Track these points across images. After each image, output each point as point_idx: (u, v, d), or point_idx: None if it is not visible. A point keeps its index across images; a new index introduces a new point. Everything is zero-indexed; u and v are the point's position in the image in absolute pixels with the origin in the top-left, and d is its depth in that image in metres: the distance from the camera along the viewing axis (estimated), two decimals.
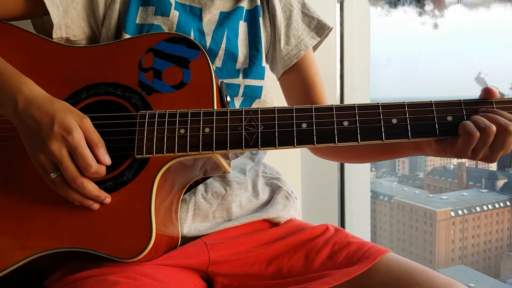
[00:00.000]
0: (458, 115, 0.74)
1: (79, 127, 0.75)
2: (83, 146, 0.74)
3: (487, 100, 0.73)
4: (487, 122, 0.72)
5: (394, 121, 0.74)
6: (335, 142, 0.73)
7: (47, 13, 0.88)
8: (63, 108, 0.76)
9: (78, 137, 0.74)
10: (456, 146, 0.75)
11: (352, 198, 1.77)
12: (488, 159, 0.75)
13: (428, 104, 0.74)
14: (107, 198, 0.77)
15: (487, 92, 0.76)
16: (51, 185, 0.77)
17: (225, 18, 0.98)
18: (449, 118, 0.74)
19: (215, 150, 0.76)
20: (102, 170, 0.76)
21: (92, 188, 0.75)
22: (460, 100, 0.74)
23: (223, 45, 0.96)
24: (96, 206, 0.78)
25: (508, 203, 2.90)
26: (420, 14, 1.81)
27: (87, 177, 0.75)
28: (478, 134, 0.72)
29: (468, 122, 0.74)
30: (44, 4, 0.87)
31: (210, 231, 0.91)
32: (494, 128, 0.72)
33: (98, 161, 0.76)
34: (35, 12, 0.91)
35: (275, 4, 1.03)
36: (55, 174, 0.75)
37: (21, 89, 0.78)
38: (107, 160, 0.77)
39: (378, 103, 0.75)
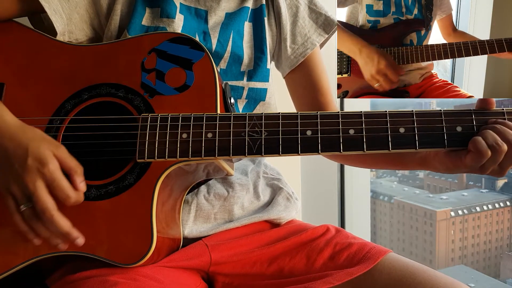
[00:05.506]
0: (468, 125, 0.72)
1: (54, 157, 0.72)
2: (59, 178, 0.72)
3: (498, 111, 0.72)
4: (499, 140, 0.69)
5: (402, 130, 0.73)
6: (340, 151, 0.72)
7: (45, 11, 0.86)
8: (36, 137, 0.73)
9: (54, 168, 0.72)
10: (465, 162, 0.72)
11: (352, 198, 1.77)
12: (497, 174, 0.73)
13: (437, 114, 0.72)
14: (79, 239, 0.73)
15: (483, 103, 0.74)
16: (16, 218, 0.73)
17: (230, 19, 0.96)
18: (459, 129, 0.72)
19: (218, 156, 0.75)
20: (81, 197, 0.74)
21: (63, 223, 0.72)
22: (471, 110, 0.72)
23: (229, 48, 0.94)
24: (63, 246, 0.74)
25: (508, 203, 2.90)
26: None
27: (59, 213, 0.72)
28: (489, 153, 0.70)
29: (479, 139, 0.70)
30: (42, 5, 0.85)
31: (211, 232, 0.91)
32: (505, 147, 0.69)
33: (75, 188, 0.73)
34: (33, 12, 0.90)
35: (279, 2, 1.01)
36: (25, 206, 0.72)
37: None
38: (82, 187, 0.74)
39: (386, 111, 0.73)
